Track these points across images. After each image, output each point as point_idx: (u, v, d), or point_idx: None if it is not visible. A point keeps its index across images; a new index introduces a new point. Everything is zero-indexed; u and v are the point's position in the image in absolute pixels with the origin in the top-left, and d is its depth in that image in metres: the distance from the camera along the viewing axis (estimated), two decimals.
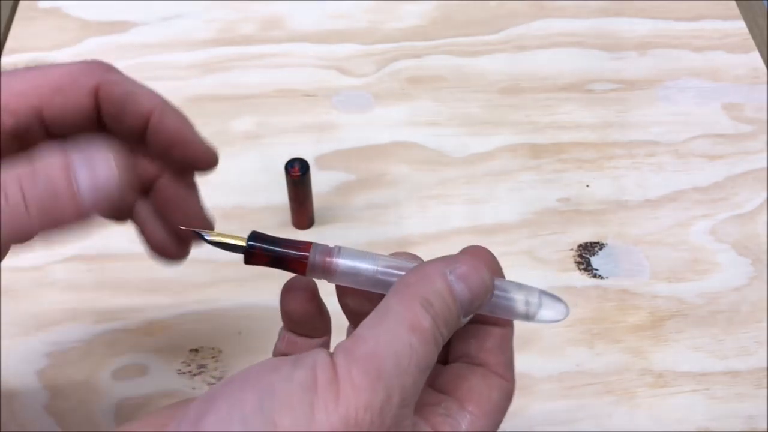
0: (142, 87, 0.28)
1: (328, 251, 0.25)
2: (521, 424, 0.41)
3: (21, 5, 0.59)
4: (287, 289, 0.27)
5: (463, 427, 0.24)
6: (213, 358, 0.42)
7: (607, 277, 0.46)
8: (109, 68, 0.28)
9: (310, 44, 0.57)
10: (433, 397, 0.25)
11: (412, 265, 0.26)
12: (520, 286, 0.26)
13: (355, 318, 0.27)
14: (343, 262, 0.25)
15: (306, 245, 0.25)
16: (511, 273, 0.46)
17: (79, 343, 0.42)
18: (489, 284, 0.25)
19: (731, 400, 0.42)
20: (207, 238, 0.26)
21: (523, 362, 0.43)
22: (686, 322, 0.45)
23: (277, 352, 0.28)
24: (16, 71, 0.26)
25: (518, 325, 0.27)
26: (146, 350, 0.43)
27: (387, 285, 0.25)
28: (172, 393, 0.41)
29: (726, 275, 0.47)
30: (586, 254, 0.47)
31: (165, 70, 0.55)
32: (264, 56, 0.56)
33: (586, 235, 0.48)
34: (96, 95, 0.27)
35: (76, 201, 0.22)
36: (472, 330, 0.26)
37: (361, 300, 0.26)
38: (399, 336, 0.22)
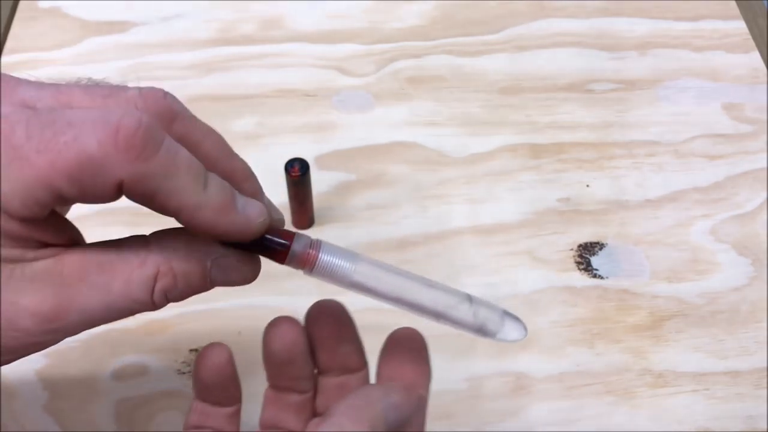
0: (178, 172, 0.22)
1: (310, 243, 0.25)
2: (521, 424, 0.41)
3: (21, 5, 0.59)
4: (203, 356, 0.27)
5: None
6: None
7: (607, 277, 0.46)
8: (143, 149, 0.21)
9: (310, 44, 0.57)
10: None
11: (393, 273, 0.26)
12: (487, 305, 0.27)
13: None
14: (323, 256, 0.25)
15: (290, 235, 0.25)
16: (511, 273, 0.46)
17: (79, 343, 0.42)
18: (422, 403, 0.26)
19: (731, 400, 0.42)
20: None
21: (523, 362, 0.43)
22: (686, 322, 0.45)
23: (189, 426, 0.28)
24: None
25: None
26: (146, 350, 0.43)
27: (363, 287, 0.25)
28: (172, 393, 0.41)
29: (726, 275, 0.47)
30: (586, 254, 0.47)
31: (165, 70, 0.55)
32: (264, 56, 0.56)
33: (586, 235, 0.48)
34: (120, 188, 0.22)
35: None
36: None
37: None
38: None
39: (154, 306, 0.24)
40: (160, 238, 0.24)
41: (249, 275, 0.25)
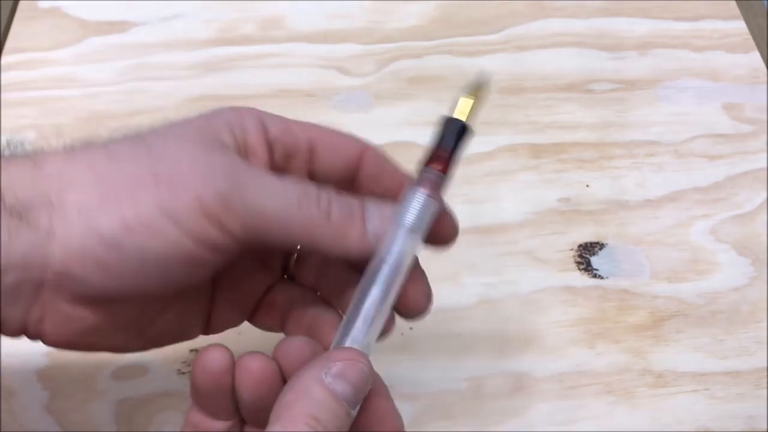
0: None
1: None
2: (521, 424, 0.41)
3: (21, 5, 0.59)
4: (200, 360, 0.26)
5: None
6: None
7: (607, 277, 0.46)
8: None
9: (310, 44, 0.57)
10: None
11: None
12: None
13: None
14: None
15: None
16: (511, 273, 0.46)
17: None
18: (368, 369, 0.25)
19: (731, 401, 0.42)
20: None
21: (523, 362, 0.43)
22: (686, 322, 0.45)
23: None
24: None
25: (518, 325, 0.27)
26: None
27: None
28: (172, 393, 0.41)
29: (726, 275, 0.47)
30: (586, 254, 0.47)
31: (165, 70, 0.55)
32: (264, 56, 0.56)
33: (586, 235, 0.48)
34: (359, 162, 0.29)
35: (363, 231, 0.26)
36: None
37: None
38: None
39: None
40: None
41: None
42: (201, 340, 0.43)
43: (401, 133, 0.52)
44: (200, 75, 0.55)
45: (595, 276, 0.46)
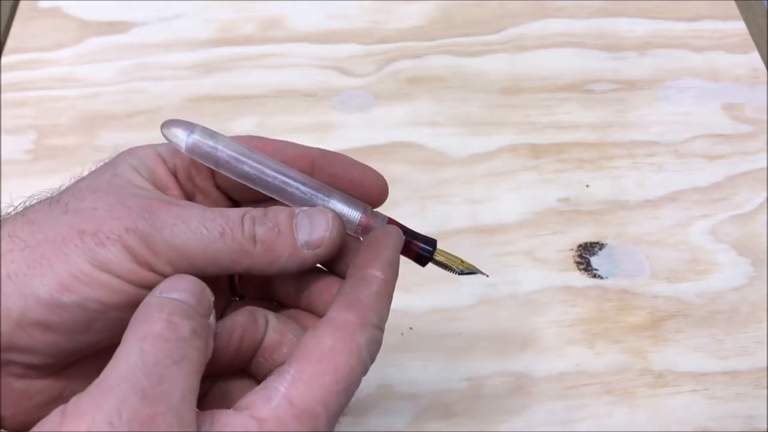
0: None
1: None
2: (521, 424, 0.41)
3: (21, 5, 0.59)
4: None
5: (282, 390, 0.22)
6: None
7: (607, 277, 0.46)
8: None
9: (310, 44, 0.57)
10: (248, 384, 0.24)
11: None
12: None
13: None
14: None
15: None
16: (511, 273, 0.46)
17: None
18: (199, 282, 0.24)
19: (731, 400, 0.42)
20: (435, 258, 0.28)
21: (522, 362, 0.43)
22: (686, 322, 0.45)
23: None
24: None
25: (518, 325, 0.27)
26: None
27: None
28: None
29: (726, 275, 0.47)
30: (586, 254, 0.47)
31: (165, 70, 0.55)
32: (264, 56, 0.56)
33: (586, 235, 0.48)
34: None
35: (294, 245, 0.25)
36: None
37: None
38: (130, 352, 0.21)
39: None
40: None
41: None
42: None
43: (401, 133, 0.53)
44: (200, 75, 0.55)
45: (594, 276, 0.46)
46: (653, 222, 0.49)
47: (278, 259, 0.25)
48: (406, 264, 0.28)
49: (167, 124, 0.27)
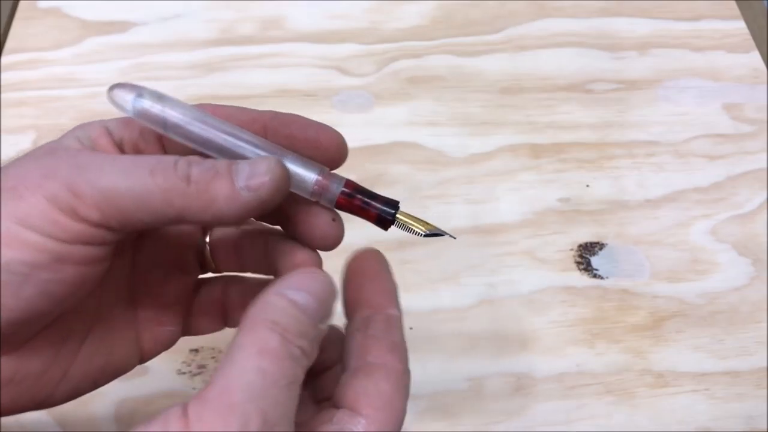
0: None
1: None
2: (521, 424, 0.41)
3: (21, 5, 0.59)
4: None
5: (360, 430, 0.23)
6: (213, 358, 0.42)
7: (607, 277, 0.46)
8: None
9: (310, 44, 0.57)
10: (325, 415, 0.24)
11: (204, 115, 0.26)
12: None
13: None
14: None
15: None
16: (511, 273, 0.46)
17: None
18: (329, 284, 0.24)
19: (731, 400, 0.42)
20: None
21: (523, 362, 0.43)
22: (686, 322, 0.45)
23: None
24: None
25: (518, 325, 0.27)
26: None
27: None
28: (172, 393, 0.41)
29: (726, 275, 0.47)
30: (586, 254, 0.47)
31: (165, 70, 0.55)
32: (264, 56, 0.56)
33: (586, 235, 0.48)
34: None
35: (231, 186, 0.23)
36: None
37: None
38: (248, 365, 0.21)
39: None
40: None
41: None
42: (201, 340, 0.43)
43: (401, 133, 0.53)
44: (200, 75, 0.55)
45: (595, 276, 0.46)
46: (653, 222, 0.49)
47: (214, 201, 0.23)
48: (406, 264, 0.28)
49: (113, 88, 0.25)
